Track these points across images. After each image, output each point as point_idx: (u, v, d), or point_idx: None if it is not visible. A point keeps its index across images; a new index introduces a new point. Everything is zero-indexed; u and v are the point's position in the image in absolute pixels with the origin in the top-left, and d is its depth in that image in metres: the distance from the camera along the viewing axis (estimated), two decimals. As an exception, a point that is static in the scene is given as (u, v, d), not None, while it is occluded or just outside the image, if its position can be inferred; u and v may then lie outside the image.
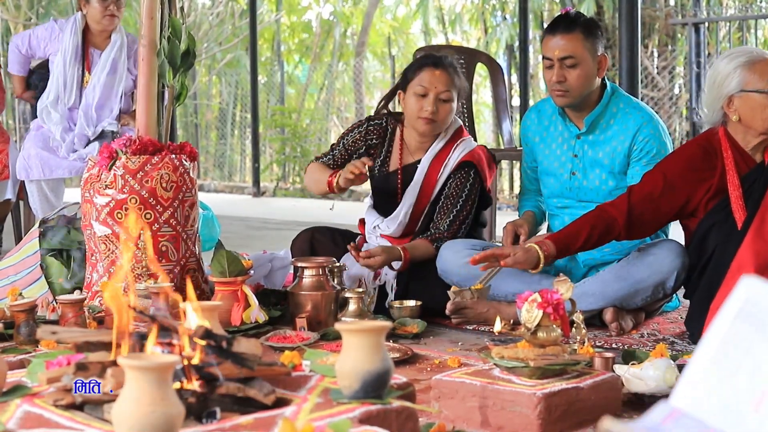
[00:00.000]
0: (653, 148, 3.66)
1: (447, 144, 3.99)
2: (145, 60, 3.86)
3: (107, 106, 5.30)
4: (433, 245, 3.88)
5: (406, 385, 2.22)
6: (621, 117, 3.72)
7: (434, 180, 3.99)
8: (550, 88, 3.70)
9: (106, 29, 5.33)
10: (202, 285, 3.86)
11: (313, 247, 4.04)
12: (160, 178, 3.74)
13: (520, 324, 2.62)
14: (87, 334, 2.20)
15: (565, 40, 3.64)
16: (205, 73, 14.78)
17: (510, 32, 12.31)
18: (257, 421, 1.90)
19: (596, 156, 3.76)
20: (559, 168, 3.84)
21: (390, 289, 3.87)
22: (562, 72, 3.64)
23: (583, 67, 3.65)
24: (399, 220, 4.00)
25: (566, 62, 3.63)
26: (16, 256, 4.13)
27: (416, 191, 3.99)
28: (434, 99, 3.85)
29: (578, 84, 3.65)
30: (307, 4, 16.11)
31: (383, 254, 3.75)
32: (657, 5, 11.05)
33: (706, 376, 1.37)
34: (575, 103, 3.71)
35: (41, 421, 1.97)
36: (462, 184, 3.94)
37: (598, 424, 1.30)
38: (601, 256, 3.73)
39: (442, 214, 3.93)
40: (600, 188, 3.76)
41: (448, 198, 3.94)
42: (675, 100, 10.53)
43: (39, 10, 12.50)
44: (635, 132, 3.67)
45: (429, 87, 3.86)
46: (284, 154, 12.88)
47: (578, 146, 3.79)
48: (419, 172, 3.99)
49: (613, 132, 3.72)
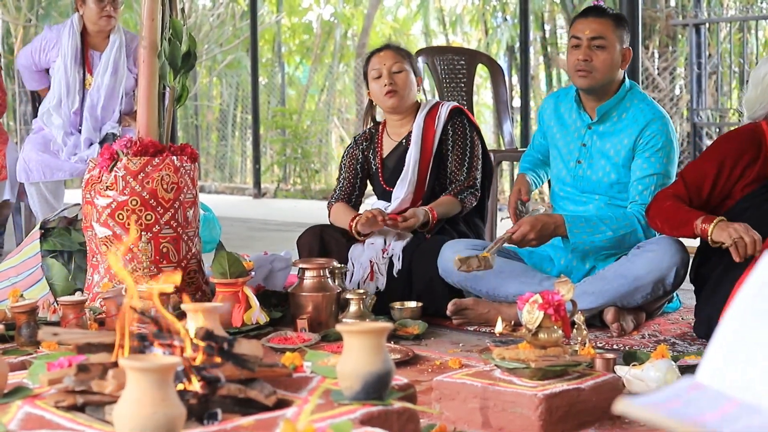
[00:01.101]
0: (658, 143, 3.68)
1: (432, 108, 4.23)
2: (146, 61, 3.86)
3: (110, 107, 5.29)
4: (457, 198, 4.07)
5: (407, 386, 2.22)
6: (633, 111, 3.75)
7: (432, 132, 4.18)
8: (574, 69, 3.73)
9: (104, 30, 5.30)
10: (203, 286, 3.86)
11: (323, 241, 4.06)
12: (161, 180, 3.74)
13: (521, 325, 2.62)
14: (88, 336, 2.20)
15: (596, 23, 3.72)
16: (206, 75, 14.77)
17: (511, 33, 12.30)
18: (258, 422, 1.90)
19: (604, 147, 3.78)
20: (567, 155, 3.88)
21: (397, 260, 3.92)
22: (589, 52, 3.69)
23: (609, 51, 3.70)
24: (408, 179, 4.13)
25: (595, 42, 3.69)
26: (17, 258, 4.13)
27: (418, 146, 4.15)
28: (388, 74, 4.12)
29: (603, 67, 3.70)
30: (307, 6, 16.11)
31: (415, 215, 3.93)
32: (658, 6, 11.04)
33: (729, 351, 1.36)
34: (596, 87, 3.74)
35: (42, 422, 1.97)
36: (462, 132, 4.18)
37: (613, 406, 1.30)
38: (594, 245, 3.72)
39: (456, 167, 4.14)
40: (602, 180, 3.78)
41: (454, 149, 4.16)
42: (676, 101, 10.52)
43: (39, 11, 12.49)
44: (644, 126, 3.70)
45: (380, 67, 4.14)
46: (285, 155, 12.88)
47: (588, 136, 3.83)
48: (415, 131, 4.18)
49: (623, 125, 3.75)
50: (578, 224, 3.62)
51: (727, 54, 9.49)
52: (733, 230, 3.16)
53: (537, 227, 3.58)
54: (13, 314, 3.20)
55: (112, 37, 5.30)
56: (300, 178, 12.73)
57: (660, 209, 3.43)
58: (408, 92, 4.15)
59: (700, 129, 9.19)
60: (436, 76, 5.54)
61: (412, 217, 3.92)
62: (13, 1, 10.67)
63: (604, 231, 3.62)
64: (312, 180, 12.62)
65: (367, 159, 4.29)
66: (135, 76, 5.22)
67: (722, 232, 3.18)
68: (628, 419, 2.45)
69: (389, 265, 3.92)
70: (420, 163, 4.14)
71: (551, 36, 12.54)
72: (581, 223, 3.62)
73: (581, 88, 3.78)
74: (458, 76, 5.54)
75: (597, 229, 3.61)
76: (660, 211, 3.43)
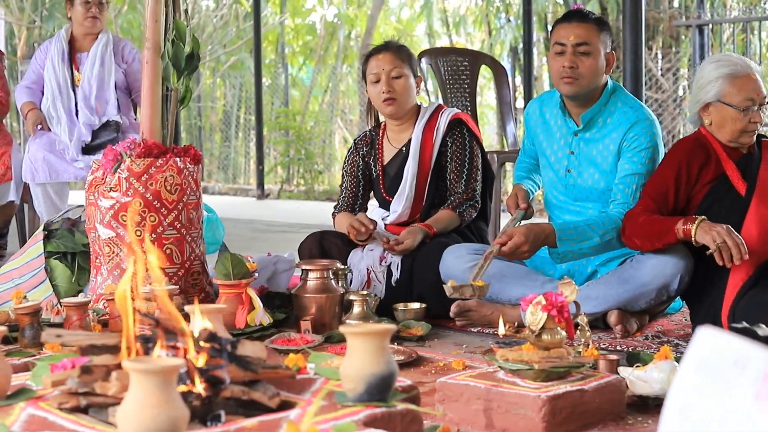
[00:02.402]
0: (642, 144, 3.65)
1: (432, 115, 4.15)
2: (149, 63, 3.86)
3: (103, 97, 5.51)
4: (456, 212, 4.02)
5: (410, 387, 2.22)
6: (617, 115, 3.71)
7: (430, 145, 4.11)
8: (559, 76, 3.67)
9: (90, 32, 5.56)
10: (207, 288, 3.86)
11: (322, 248, 4.05)
12: (165, 181, 3.74)
13: (524, 327, 2.62)
14: (91, 337, 2.20)
15: (581, 28, 3.66)
16: (210, 76, 14.79)
17: (514, 34, 12.30)
18: (262, 424, 1.90)
19: (591, 154, 3.75)
20: (556, 163, 3.84)
21: (396, 268, 3.90)
22: (574, 59, 3.63)
23: (595, 56, 3.65)
24: (405, 194, 4.09)
25: (580, 48, 3.64)
26: (20, 259, 4.14)
27: (416, 160, 4.10)
28: (386, 80, 4.04)
29: (589, 73, 3.65)
30: (311, 7, 16.12)
31: (410, 236, 3.88)
32: (661, 7, 11.04)
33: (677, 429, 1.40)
34: (581, 94, 3.69)
35: (46, 424, 1.97)
36: (461, 143, 4.10)
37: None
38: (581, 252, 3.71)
39: (455, 179, 4.07)
40: (593, 188, 3.75)
41: (453, 161, 4.09)
42: (679, 102, 10.52)
43: (43, 12, 12.51)
44: (627, 129, 3.66)
45: (378, 71, 4.06)
46: (288, 156, 12.88)
47: (575, 143, 3.79)
48: (413, 143, 4.11)
49: (607, 130, 3.72)
50: (567, 232, 3.57)
51: (730, 55, 9.48)
52: (716, 233, 3.16)
53: (530, 238, 3.53)
54: (16, 316, 3.20)
55: (100, 36, 5.57)
56: (303, 179, 12.74)
57: (635, 227, 3.44)
58: (407, 98, 4.08)
59: (703, 130, 9.17)
60: (440, 77, 5.54)
61: (409, 238, 3.88)
62: (17, 2, 10.69)
63: (592, 237, 3.56)
64: (315, 181, 12.63)
65: (368, 165, 4.26)
66: (123, 70, 5.56)
67: (706, 235, 3.20)
68: (632, 420, 2.45)
69: (389, 274, 3.90)
70: (418, 176, 4.10)
71: (554, 37, 12.52)
72: (570, 231, 3.57)
73: (567, 96, 3.74)
74: (461, 77, 5.54)
75: (584, 235, 3.56)
76: (635, 229, 3.44)
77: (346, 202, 4.25)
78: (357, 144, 4.31)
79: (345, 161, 4.33)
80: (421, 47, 14.02)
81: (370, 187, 4.31)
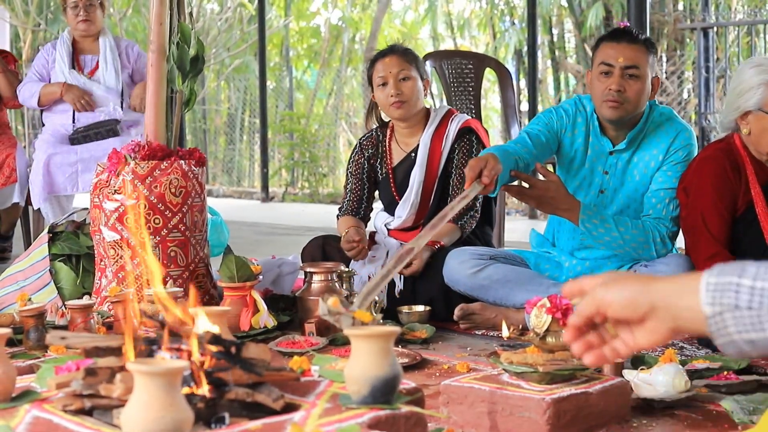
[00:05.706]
0: (679, 158, 3.54)
1: (441, 121, 4.10)
2: (154, 65, 3.87)
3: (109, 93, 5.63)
4: (457, 224, 3.97)
5: (414, 390, 2.22)
6: (657, 132, 3.58)
7: (438, 153, 4.07)
8: (603, 99, 3.48)
9: (85, 34, 5.68)
10: (211, 290, 3.86)
11: (325, 253, 4.05)
12: (169, 184, 3.75)
13: (528, 329, 2.62)
14: (96, 339, 2.20)
15: (630, 50, 3.44)
16: (214, 79, 14.79)
17: (518, 37, 12.30)
18: (266, 426, 1.90)
19: (631, 173, 3.61)
20: (588, 183, 3.69)
21: (399, 280, 3.88)
22: (622, 82, 3.44)
23: (643, 81, 3.46)
24: (411, 201, 4.06)
25: (629, 71, 3.44)
26: (25, 261, 4.14)
27: (423, 168, 4.06)
28: (394, 82, 4.00)
29: (635, 98, 3.46)
30: (315, 10, 16.12)
31: (420, 258, 3.79)
32: (666, 10, 11.03)
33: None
34: (626, 119, 3.52)
35: (50, 426, 1.97)
36: (468, 151, 4.04)
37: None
38: (599, 256, 3.69)
39: (458, 189, 3.99)
40: (629, 210, 3.62)
41: (457, 170, 4.04)
42: (684, 105, 10.51)
43: (48, 15, 12.53)
44: (669, 144, 3.55)
45: (386, 74, 4.02)
46: (293, 159, 12.88)
47: (611, 162, 3.64)
48: (421, 150, 4.07)
49: (648, 148, 3.59)
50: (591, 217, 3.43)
51: (735, 58, 9.49)
52: None
53: (549, 191, 3.34)
54: (21, 318, 3.20)
55: (101, 40, 5.70)
56: (308, 182, 12.74)
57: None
58: (416, 100, 4.04)
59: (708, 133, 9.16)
60: (444, 80, 5.54)
61: (417, 259, 3.79)
62: (22, 6, 10.70)
63: (616, 237, 3.46)
64: (320, 184, 12.63)
65: (374, 167, 4.23)
66: (129, 71, 5.70)
67: None
68: (636, 423, 2.45)
69: (391, 284, 3.85)
70: (424, 183, 4.07)
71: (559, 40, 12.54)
72: (595, 216, 3.44)
73: (609, 120, 3.54)
74: (466, 81, 5.53)
75: (609, 232, 3.46)
76: None
77: (350, 205, 4.23)
78: (362, 144, 4.26)
79: (349, 161, 4.29)
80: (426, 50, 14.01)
81: (375, 188, 4.30)
